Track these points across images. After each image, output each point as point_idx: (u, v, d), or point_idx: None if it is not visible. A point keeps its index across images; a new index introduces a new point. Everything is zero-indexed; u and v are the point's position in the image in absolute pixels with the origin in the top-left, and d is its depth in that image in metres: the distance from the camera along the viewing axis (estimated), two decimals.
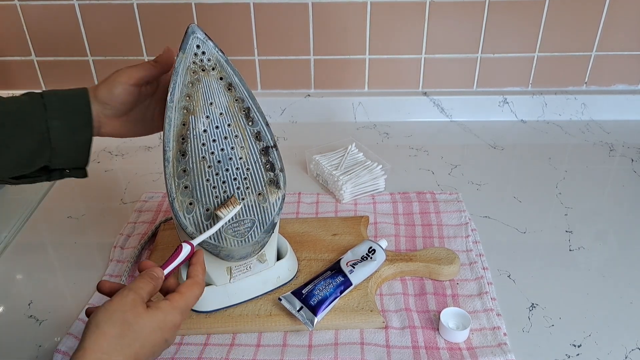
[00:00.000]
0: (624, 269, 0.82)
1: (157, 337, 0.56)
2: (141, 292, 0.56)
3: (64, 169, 0.71)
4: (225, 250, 0.68)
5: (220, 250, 0.68)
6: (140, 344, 0.54)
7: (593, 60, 1.19)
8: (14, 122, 0.66)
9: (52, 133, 0.66)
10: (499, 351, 0.68)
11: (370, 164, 1.00)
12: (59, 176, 0.71)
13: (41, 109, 0.67)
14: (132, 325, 0.54)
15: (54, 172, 0.71)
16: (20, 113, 0.67)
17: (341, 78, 1.22)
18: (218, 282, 0.73)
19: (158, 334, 0.56)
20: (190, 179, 0.67)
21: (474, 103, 1.22)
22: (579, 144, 1.15)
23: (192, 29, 0.66)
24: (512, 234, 0.90)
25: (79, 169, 0.72)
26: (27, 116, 0.67)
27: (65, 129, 0.67)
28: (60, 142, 0.67)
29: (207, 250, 0.68)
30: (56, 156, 0.68)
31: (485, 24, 1.15)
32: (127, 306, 0.55)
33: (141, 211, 0.95)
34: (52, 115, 0.67)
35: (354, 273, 0.75)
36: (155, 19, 1.15)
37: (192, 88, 0.67)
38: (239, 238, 0.69)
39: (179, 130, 0.66)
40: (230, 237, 0.68)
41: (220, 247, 0.68)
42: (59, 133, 0.67)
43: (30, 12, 1.15)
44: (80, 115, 0.68)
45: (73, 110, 0.68)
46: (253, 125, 0.70)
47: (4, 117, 0.66)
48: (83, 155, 0.70)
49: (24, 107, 0.67)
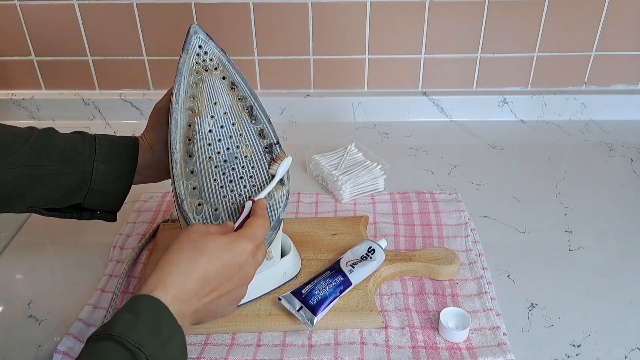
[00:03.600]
0: (623, 269, 0.82)
1: (227, 257, 0.55)
2: (208, 227, 0.58)
3: (95, 210, 0.73)
4: None
5: None
6: (207, 258, 0.54)
7: (593, 60, 1.19)
8: (62, 158, 0.68)
9: (95, 175, 0.69)
10: (498, 351, 0.68)
11: (370, 164, 1.00)
12: (88, 216, 0.73)
13: (91, 151, 0.69)
14: (197, 242, 0.55)
15: (85, 212, 0.73)
16: (70, 151, 0.68)
17: (341, 78, 1.22)
18: None
19: (227, 254, 0.56)
20: (198, 179, 0.67)
21: (473, 103, 1.22)
22: (578, 144, 1.15)
23: (194, 29, 0.66)
24: (511, 234, 0.90)
25: (109, 212, 0.74)
26: (76, 155, 0.68)
27: (109, 174, 0.69)
28: (100, 185, 0.69)
29: None
30: (92, 197, 0.70)
31: (485, 24, 1.15)
32: (192, 231, 0.57)
33: (141, 211, 0.95)
34: (100, 159, 0.69)
35: (353, 273, 0.75)
36: (155, 19, 1.15)
37: (196, 89, 0.67)
38: None
39: (185, 131, 0.67)
40: None
41: None
42: (102, 177, 0.69)
43: (30, 12, 1.15)
44: (126, 164, 0.71)
45: (121, 158, 0.70)
46: (256, 124, 0.70)
47: (53, 151, 0.68)
48: (117, 200, 0.72)
49: (75, 146, 0.69)
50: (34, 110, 1.24)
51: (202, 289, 0.54)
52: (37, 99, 1.23)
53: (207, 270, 0.54)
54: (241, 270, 0.57)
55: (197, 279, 0.53)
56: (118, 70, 1.21)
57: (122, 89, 1.24)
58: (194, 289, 0.53)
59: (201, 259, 0.54)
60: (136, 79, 1.22)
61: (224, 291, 0.56)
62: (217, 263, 0.55)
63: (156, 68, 1.21)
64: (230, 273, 0.56)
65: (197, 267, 0.53)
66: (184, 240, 0.56)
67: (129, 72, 1.22)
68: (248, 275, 0.58)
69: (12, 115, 1.24)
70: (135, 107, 1.23)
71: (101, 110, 1.24)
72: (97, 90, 1.24)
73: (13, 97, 1.23)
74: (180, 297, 0.52)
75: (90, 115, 1.24)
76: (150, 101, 1.22)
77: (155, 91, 1.24)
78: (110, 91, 1.24)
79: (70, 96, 1.23)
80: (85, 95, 1.23)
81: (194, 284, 0.53)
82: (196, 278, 0.53)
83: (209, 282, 0.54)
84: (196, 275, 0.53)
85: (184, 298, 0.52)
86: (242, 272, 0.57)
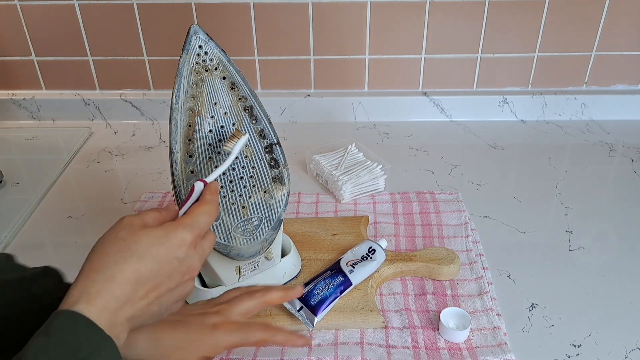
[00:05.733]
0: (624, 269, 0.82)
1: (162, 253, 0.49)
2: (142, 216, 0.52)
3: None
4: (235, 249, 0.69)
5: (230, 250, 0.69)
6: (137, 258, 0.47)
7: (593, 60, 1.19)
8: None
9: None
10: (499, 351, 0.68)
11: (370, 164, 1.00)
12: None
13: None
14: (125, 240, 0.48)
15: None
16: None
17: (341, 78, 1.22)
18: (228, 282, 0.74)
19: (161, 249, 0.49)
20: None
21: (474, 103, 1.22)
22: (579, 144, 1.15)
23: (194, 30, 0.66)
24: (512, 234, 0.90)
25: None
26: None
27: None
28: None
29: (217, 250, 0.68)
30: None
31: (485, 24, 1.15)
32: (122, 226, 0.50)
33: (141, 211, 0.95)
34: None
35: (354, 273, 0.75)
36: (155, 19, 1.15)
37: (197, 89, 0.67)
38: (247, 236, 0.69)
39: (185, 131, 0.67)
40: (240, 236, 0.69)
41: (230, 247, 0.68)
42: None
43: (30, 12, 1.15)
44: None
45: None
46: (257, 124, 0.70)
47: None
48: None
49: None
50: (34, 110, 1.24)
51: (135, 293, 0.47)
52: (38, 99, 1.23)
53: (139, 271, 0.47)
54: (182, 265, 0.50)
55: (127, 283, 0.46)
56: (118, 70, 1.21)
57: (123, 89, 1.24)
58: (125, 294, 0.46)
59: (130, 260, 0.47)
60: (136, 79, 1.22)
61: (164, 290, 0.50)
62: (150, 261, 0.48)
63: (156, 68, 1.21)
64: (169, 269, 0.49)
65: (126, 270, 0.47)
66: (108, 239, 0.49)
67: (129, 72, 1.22)
68: (191, 268, 0.52)
69: (12, 115, 1.24)
70: (136, 107, 1.23)
71: (101, 110, 1.24)
72: (98, 90, 1.24)
73: (13, 97, 1.23)
74: (109, 307, 0.45)
75: (91, 115, 1.24)
76: (150, 101, 1.22)
77: (156, 91, 1.24)
78: (111, 91, 1.24)
79: (71, 96, 1.23)
80: (86, 95, 1.23)
81: (125, 288, 0.46)
82: (126, 282, 0.46)
83: (144, 283, 0.48)
84: (125, 278, 0.46)
85: (113, 307, 0.46)
86: (183, 266, 0.50)
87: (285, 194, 0.71)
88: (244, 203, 0.69)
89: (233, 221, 0.69)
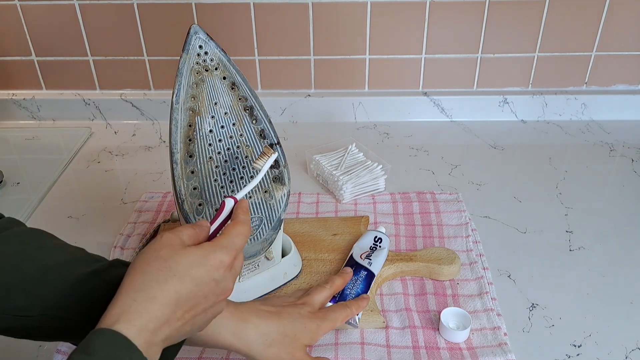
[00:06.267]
0: (624, 269, 0.82)
1: (201, 274, 0.49)
2: (179, 234, 0.51)
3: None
4: None
5: None
6: (178, 279, 0.47)
7: (593, 60, 1.19)
8: None
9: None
10: (499, 351, 0.68)
11: (370, 164, 1.00)
12: None
13: None
14: (166, 260, 0.48)
15: None
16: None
17: (341, 78, 1.22)
18: None
19: (200, 270, 0.49)
20: (198, 180, 0.67)
21: (474, 103, 1.22)
22: (579, 144, 1.15)
23: (194, 30, 0.66)
24: (512, 234, 0.90)
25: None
26: None
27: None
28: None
29: None
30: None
31: (485, 24, 1.15)
32: (162, 244, 0.50)
33: (141, 211, 0.95)
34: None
35: (372, 264, 0.77)
36: (155, 19, 1.15)
37: (197, 89, 0.67)
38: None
39: (185, 131, 0.67)
40: None
41: None
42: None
43: (30, 12, 1.15)
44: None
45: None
46: (257, 124, 0.70)
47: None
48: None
49: None
50: (34, 110, 1.24)
51: (174, 314, 0.47)
52: (38, 99, 1.23)
53: (179, 292, 0.47)
54: (218, 286, 0.51)
55: (167, 304, 0.46)
56: (118, 70, 1.21)
57: (123, 89, 1.24)
58: (165, 315, 0.46)
59: (172, 281, 0.47)
60: (136, 79, 1.22)
61: (199, 310, 0.50)
62: (190, 283, 0.48)
63: (156, 68, 1.21)
64: (206, 291, 0.50)
65: (167, 290, 0.47)
66: (150, 258, 0.49)
67: (129, 72, 1.22)
68: (226, 289, 0.52)
69: (13, 115, 1.24)
70: (136, 107, 1.23)
71: (102, 110, 1.24)
72: (98, 90, 1.24)
73: (13, 97, 1.23)
74: (149, 327, 0.45)
75: (91, 115, 1.24)
76: (150, 101, 1.22)
77: (156, 91, 1.24)
78: (111, 91, 1.24)
79: (71, 96, 1.23)
80: (86, 95, 1.23)
81: (165, 309, 0.46)
82: (166, 303, 0.46)
83: (182, 304, 0.48)
84: (166, 299, 0.46)
85: (153, 328, 0.45)
86: (218, 287, 0.51)
87: (285, 194, 0.71)
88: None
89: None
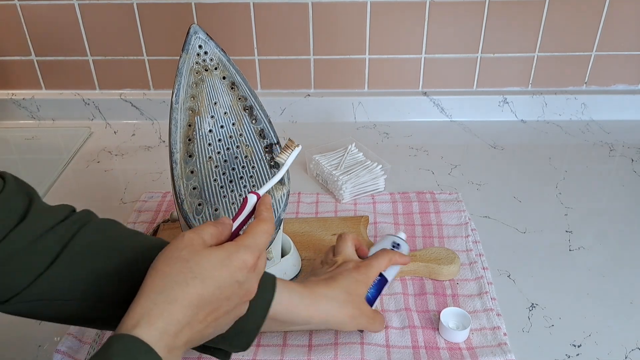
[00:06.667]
0: (624, 269, 0.82)
1: (223, 276, 0.47)
2: (201, 233, 0.50)
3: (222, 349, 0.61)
4: None
5: None
6: (200, 281, 0.46)
7: (593, 60, 1.19)
8: None
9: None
10: (499, 351, 0.68)
11: (370, 164, 1.00)
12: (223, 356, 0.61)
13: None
14: (188, 261, 0.47)
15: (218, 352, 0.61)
16: None
17: (341, 78, 1.22)
18: None
19: (223, 272, 0.47)
20: (198, 179, 0.67)
21: (474, 103, 1.22)
22: (579, 144, 1.15)
23: (194, 29, 0.66)
24: (512, 234, 0.90)
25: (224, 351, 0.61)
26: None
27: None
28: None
29: None
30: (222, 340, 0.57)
31: (485, 24, 1.15)
32: (184, 244, 0.48)
33: (141, 211, 0.95)
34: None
35: (386, 271, 0.72)
36: (155, 19, 1.15)
37: (197, 88, 0.67)
38: None
39: (185, 131, 0.67)
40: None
41: None
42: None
43: (31, 12, 1.15)
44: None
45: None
46: (256, 123, 0.70)
47: None
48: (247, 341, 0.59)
49: None
50: (34, 110, 1.24)
51: (195, 316, 0.46)
52: (37, 99, 1.23)
53: (201, 295, 0.46)
54: (241, 288, 0.49)
55: (189, 307, 0.45)
56: (118, 70, 1.21)
57: (122, 89, 1.24)
58: (186, 318, 0.45)
59: (193, 282, 0.46)
60: (136, 79, 1.22)
61: (222, 312, 0.49)
62: (212, 285, 0.47)
63: (156, 68, 1.21)
64: (229, 292, 0.48)
65: (188, 293, 0.46)
66: (172, 258, 0.48)
67: (129, 72, 1.22)
68: (249, 291, 0.51)
69: (12, 115, 1.24)
70: (136, 107, 1.23)
71: (101, 110, 1.24)
72: (97, 90, 1.24)
73: (13, 97, 1.23)
74: (170, 330, 0.44)
75: (91, 115, 1.24)
76: (150, 101, 1.22)
77: (155, 91, 1.24)
78: (111, 91, 1.24)
79: (71, 96, 1.23)
80: (86, 95, 1.23)
81: (186, 312, 0.45)
82: (187, 305, 0.45)
83: (204, 307, 0.47)
84: (188, 302, 0.45)
85: (174, 331, 0.45)
86: (242, 289, 0.50)
87: (285, 194, 0.71)
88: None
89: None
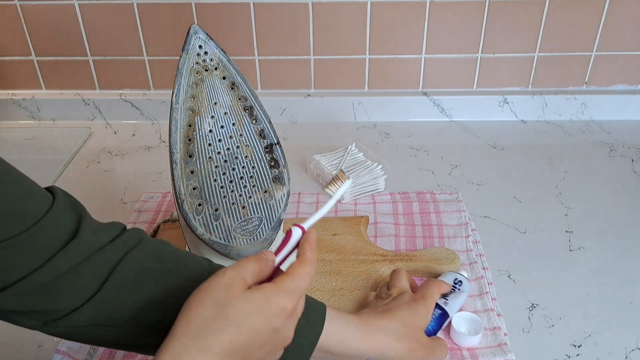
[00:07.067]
0: (624, 269, 0.82)
1: (259, 323, 0.45)
2: (242, 272, 0.47)
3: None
4: (235, 249, 0.69)
5: (230, 250, 0.68)
6: (235, 329, 0.44)
7: (593, 60, 1.19)
8: None
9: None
10: (499, 351, 0.68)
11: (370, 164, 1.00)
12: None
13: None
14: (225, 306, 0.44)
15: None
16: None
17: (341, 78, 1.22)
18: None
19: (259, 319, 0.45)
20: (198, 180, 0.67)
21: (474, 103, 1.22)
22: (579, 144, 1.15)
23: (194, 29, 0.66)
24: (512, 234, 0.90)
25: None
26: None
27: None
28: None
29: (216, 250, 0.68)
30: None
31: (485, 24, 1.15)
32: (222, 285, 0.46)
33: (141, 211, 0.95)
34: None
35: (448, 305, 0.71)
36: (155, 19, 1.15)
37: (197, 89, 0.67)
38: (247, 236, 0.69)
39: (185, 131, 0.67)
40: (240, 236, 0.69)
41: (230, 247, 0.68)
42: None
43: (31, 12, 1.15)
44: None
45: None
46: (257, 124, 0.70)
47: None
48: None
49: None
50: (34, 110, 1.24)
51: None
52: (38, 99, 1.23)
53: (234, 342, 0.44)
54: (277, 335, 0.47)
55: (220, 355, 0.44)
56: (118, 70, 1.21)
57: (122, 89, 1.24)
58: None
59: (227, 330, 0.44)
60: (136, 79, 1.22)
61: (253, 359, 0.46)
62: (247, 333, 0.44)
63: (156, 68, 1.21)
64: (264, 339, 0.46)
65: (222, 340, 0.43)
66: (207, 300, 0.45)
67: (129, 72, 1.22)
68: (286, 338, 0.48)
69: (12, 115, 1.24)
70: (136, 107, 1.23)
71: (101, 110, 1.24)
72: (98, 90, 1.24)
73: (13, 97, 1.23)
74: None
75: (91, 115, 1.24)
76: (150, 101, 1.22)
77: (155, 91, 1.24)
78: (111, 91, 1.24)
79: (71, 96, 1.23)
80: (86, 95, 1.23)
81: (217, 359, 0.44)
82: (219, 353, 0.43)
83: (236, 354, 0.44)
84: (220, 350, 0.43)
85: None
86: (277, 336, 0.47)
87: (285, 194, 0.71)
88: (244, 203, 0.69)
89: (233, 221, 0.69)
